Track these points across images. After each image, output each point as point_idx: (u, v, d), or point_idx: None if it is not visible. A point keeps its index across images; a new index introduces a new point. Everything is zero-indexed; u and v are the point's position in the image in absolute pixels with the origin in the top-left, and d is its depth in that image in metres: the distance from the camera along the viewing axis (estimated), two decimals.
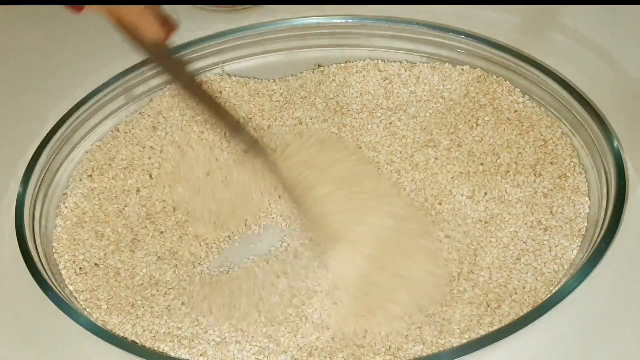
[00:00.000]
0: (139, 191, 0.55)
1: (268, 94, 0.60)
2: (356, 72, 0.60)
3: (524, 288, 0.48)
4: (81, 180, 0.56)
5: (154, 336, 0.47)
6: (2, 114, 0.63)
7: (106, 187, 0.56)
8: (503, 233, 0.50)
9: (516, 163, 0.54)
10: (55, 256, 0.52)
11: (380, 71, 0.60)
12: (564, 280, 0.46)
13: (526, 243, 0.50)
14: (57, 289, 0.48)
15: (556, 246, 0.49)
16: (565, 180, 0.52)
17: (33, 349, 0.49)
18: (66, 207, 0.55)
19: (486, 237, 0.50)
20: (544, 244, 0.50)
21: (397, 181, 0.54)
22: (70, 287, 0.50)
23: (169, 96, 0.61)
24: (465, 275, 0.48)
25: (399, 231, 0.50)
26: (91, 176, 0.56)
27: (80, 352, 0.48)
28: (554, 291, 0.46)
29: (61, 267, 0.51)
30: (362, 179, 0.54)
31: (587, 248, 0.48)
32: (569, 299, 0.45)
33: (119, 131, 0.59)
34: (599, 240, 0.47)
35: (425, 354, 0.45)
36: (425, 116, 0.58)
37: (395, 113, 0.58)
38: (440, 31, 0.60)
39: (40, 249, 0.51)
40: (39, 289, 0.48)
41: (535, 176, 0.53)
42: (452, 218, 0.51)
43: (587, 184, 0.52)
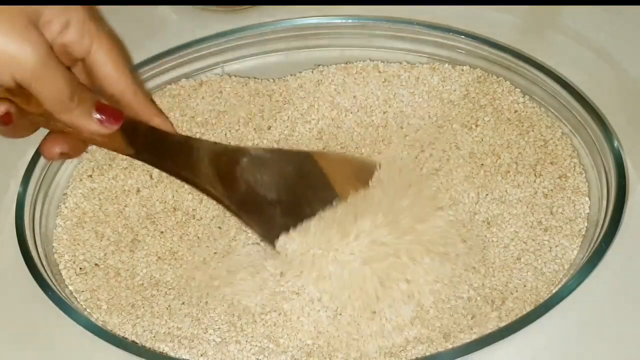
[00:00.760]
0: (139, 191, 0.55)
1: (268, 94, 0.60)
2: (355, 73, 0.60)
3: (525, 287, 0.48)
4: (81, 180, 0.56)
5: (154, 336, 0.47)
6: None
7: (106, 187, 0.56)
8: (503, 233, 0.50)
9: (516, 163, 0.54)
10: (55, 256, 0.52)
11: (380, 72, 0.60)
12: (564, 280, 0.46)
13: (526, 243, 0.50)
14: (57, 289, 0.48)
15: (556, 246, 0.49)
16: (565, 180, 0.52)
17: (33, 349, 0.49)
18: (66, 207, 0.55)
19: (487, 237, 0.50)
20: (544, 244, 0.50)
21: (397, 181, 0.54)
22: (70, 287, 0.50)
23: (168, 96, 0.61)
24: (466, 275, 0.48)
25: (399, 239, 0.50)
26: (91, 176, 0.56)
27: (80, 352, 0.48)
28: (554, 291, 0.46)
29: (61, 267, 0.51)
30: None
31: (587, 248, 0.48)
32: (569, 299, 0.45)
33: None
34: (599, 240, 0.47)
35: (426, 354, 0.45)
36: (425, 117, 0.58)
37: (395, 113, 0.58)
38: (440, 31, 0.60)
39: (40, 249, 0.51)
40: (39, 288, 0.48)
41: (535, 176, 0.53)
42: (453, 217, 0.52)
43: (587, 184, 0.52)
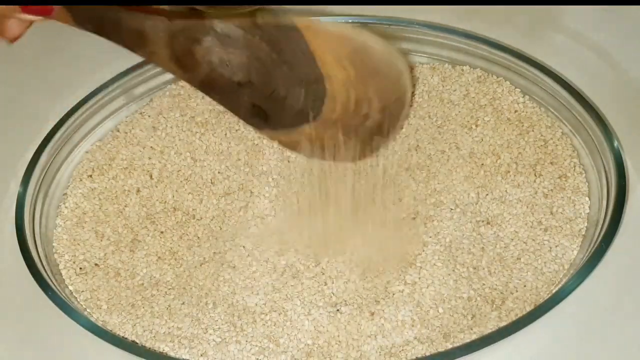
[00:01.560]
0: (139, 191, 0.55)
1: None
2: None
3: (525, 286, 0.48)
4: (81, 180, 0.56)
5: (154, 336, 0.47)
6: (2, 113, 0.63)
7: (106, 187, 0.56)
8: (503, 233, 0.50)
9: (516, 163, 0.54)
10: (55, 256, 0.52)
11: None
12: (564, 280, 0.46)
13: (526, 243, 0.50)
14: (57, 289, 0.48)
15: (556, 246, 0.49)
16: (565, 180, 0.52)
17: (33, 349, 0.49)
18: (66, 207, 0.55)
19: (487, 237, 0.50)
20: (544, 244, 0.50)
21: (397, 181, 0.54)
22: (70, 287, 0.50)
23: (169, 96, 0.61)
24: (466, 275, 0.48)
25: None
26: (91, 176, 0.56)
27: (80, 352, 0.48)
28: (554, 290, 0.46)
29: (61, 267, 0.51)
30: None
31: (587, 248, 0.48)
32: (569, 299, 0.45)
33: (119, 131, 0.59)
34: (599, 240, 0.47)
35: (426, 354, 0.45)
36: (425, 117, 0.58)
37: None
38: (440, 31, 0.60)
39: (40, 249, 0.51)
40: (39, 288, 0.48)
41: (535, 176, 0.53)
42: (453, 217, 0.52)
43: (587, 183, 0.52)
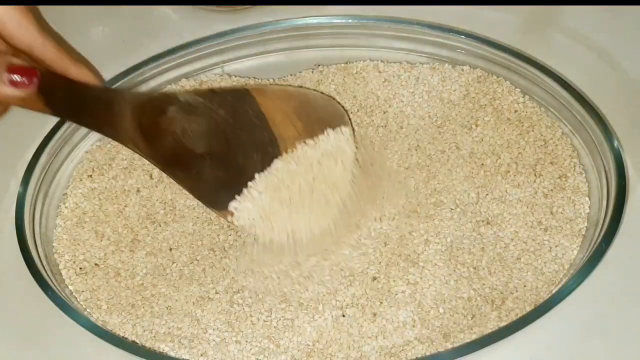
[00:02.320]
0: (139, 191, 0.55)
1: None
2: (355, 73, 0.60)
3: (525, 286, 0.48)
4: (81, 180, 0.56)
5: (154, 336, 0.47)
6: None
7: (106, 187, 0.56)
8: (503, 233, 0.50)
9: (516, 163, 0.54)
10: (55, 256, 0.52)
11: (380, 72, 0.60)
12: (564, 280, 0.46)
13: (526, 243, 0.50)
14: (57, 288, 0.48)
15: (556, 246, 0.49)
16: (565, 180, 0.52)
17: (33, 349, 0.49)
18: (66, 207, 0.55)
19: (487, 237, 0.50)
20: (544, 244, 0.50)
21: (397, 181, 0.54)
22: (70, 287, 0.50)
23: None
24: (466, 275, 0.48)
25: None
26: (91, 176, 0.56)
27: (80, 352, 0.48)
28: (554, 290, 0.46)
29: (61, 267, 0.51)
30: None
31: (587, 248, 0.48)
32: (569, 299, 0.45)
33: None
34: (599, 240, 0.47)
35: (426, 354, 0.45)
36: (425, 117, 0.58)
37: (395, 113, 0.58)
38: (440, 31, 0.60)
39: (40, 249, 0.51)
40: (39, 288, 0.48)
41: (535, 176, 0.53)
42: (454, 217, 0.51)
43: (587, 183, 0.52)
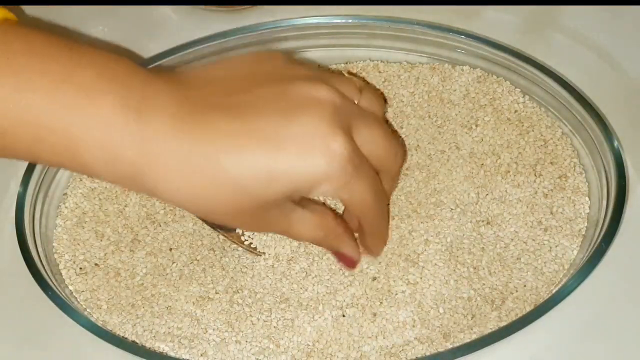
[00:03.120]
0: None
1: None
2: (355, 73, 0.60)
3: (525, 286, 0.48)
4: (81, 180, 0.56)
5: (154, 336, 0.47)
6: None
7: (106, 187, 0.56)
8: (503, 233, 0.50)
9: (516, 163, 0.54)
10: (55, 256, 0.52)
11: (380, 72, 0.60)
12: (564, 280, 0.46)
13: (526, 243, 0.50)
14: (57, 288, 0.48)
15: (556, 246, 0.49)
16: (565, 180, 0.52)
17: (33, 349, 0.49)
18: (66, 207, 0.55)
19: (487, 237, 0.50)
20: (544, 244, 0.50)
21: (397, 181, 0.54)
22: (70, 287, 0.50)
23: None
24: (466, 275, 0.48)
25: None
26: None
27: (80, 352, 0.48)
28: (554, 290, 0.46)
29: (61, 267, 0.51)
30: None
31: (587, 248, 0.48)
32: (569, 299, 0.45)
33: None
34: (599, 240, 0.47)
35: (426, 354, 0.45)
36: (425, 117, 0.57)
37: (395, 113, 0.58)
38: (440, 31, 0.60)
39: (40, 249, 0.51)
40: (38, 288, 0.48)
41: (535, 176, 0.53)
42: (454, 217, 0.51)
43: (587, 183, 0.52)
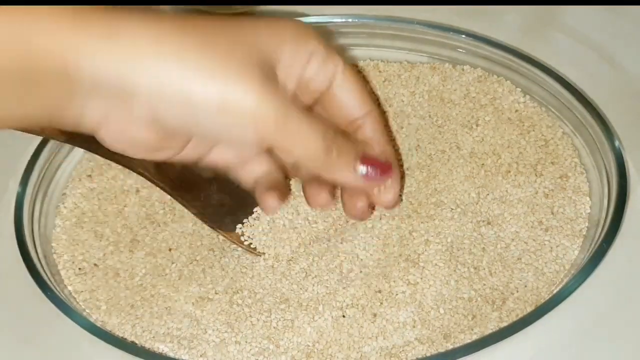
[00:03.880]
0: (138, 191, 0.55)
1: None
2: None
3: (525, 287, 0.47)
4: (80, 180, 0.56)
5: (153, 336, 0.47)
6: None
7: (105, 187, 0.56)
8: (504, 233, 0.50)
9: (517, 163, 0.54)
10: (54, 256, 0.52)
11: (380, 71, 0.60)
12: (565, 280, 0.46)
13: (527, 243, 0.50)
14: (56, 289, 0.48)
15: (557, 246, 0.49)
16: (566, 180, 0.52)
17: (32, 349, 0.49)
18: (65, 207, 0.55)
19: (487, 237, 0.50)
20: (544, 244, 0.49)
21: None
22: (69, 288, 0.50)
23: None
24: (467, 275, 0.48)
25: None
26: (90, 176, 0.56)
27: (80, 353, 0.48)
28: (555, 291, 0.45)
29: (60, 267, 0.51)
30: None
31: (588, 248, 0.48)
32: (570, 299, 0.45)
33: None
34: (600, 240, 0.47)
35: (426, 354, 0.45)
36: (425, 116, 0.57)
37: (396, 113, 0.58)
38: (440, 31, 0.59)
39: (39, 249, 0.51)
40: (37, 289, 0.48)
41: (536, 176, 0.53)
42: (454, 217, 0.51)
43: (588, 183, 0.52)
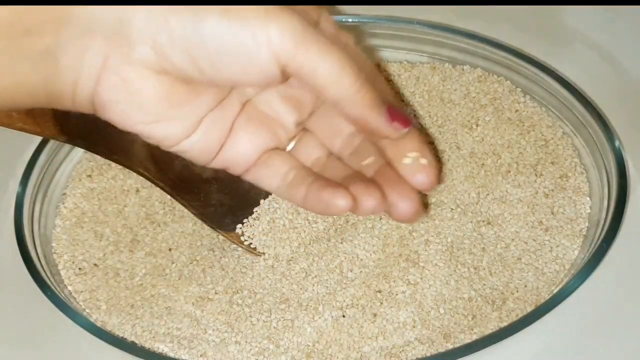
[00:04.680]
0: (138, 191, 0.55)
1: None
2: None
3: (525, 287, 0.47)
4: (80, 180, 0.56)
5: (153, 336, 0.47)
6: None
7: (105, 187, 0.56)
8: (504, 233, 0.50)
9: (517, 163, 0.54)
10: (54, 256, 0.52)
11: (380, 71, 0.60)
12: (565, 280, 0.46)
13: (527, 243, 0.50)
14: (56, 289, 0.48)
15: (557, 246, 0.49)
16: (566, 180, 0.52)
17: (32, 349, 0.49)
18: (65, 207, 0.55)
19: (487, 237, 0.50)
20: (544, 244, 0.49)
21: None
22: (70, 287, 0.50)
23: None
24: (467, 275, 0.48)
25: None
26: (90, 176, 0.56)
27: (80, 352, 0.48)
28: (555, 291, 0.45)
29: (60, 267, 0.51)
30: None
31: (588, 248, 0.48)
32: (570, 299, 0.45)
33: None
34: (600, 240, 0.47)
35: (426, 354, 0.45)
36: (425, 116, 0.57)
37: None
38: (440, 30, 0.59)
39: (39, 249, 0.51)
40: (37, 289, 0.48)
41: (536, 176, 0.53)
42: (454, 217, 0.51)
43: (588, 183, 0.52)
